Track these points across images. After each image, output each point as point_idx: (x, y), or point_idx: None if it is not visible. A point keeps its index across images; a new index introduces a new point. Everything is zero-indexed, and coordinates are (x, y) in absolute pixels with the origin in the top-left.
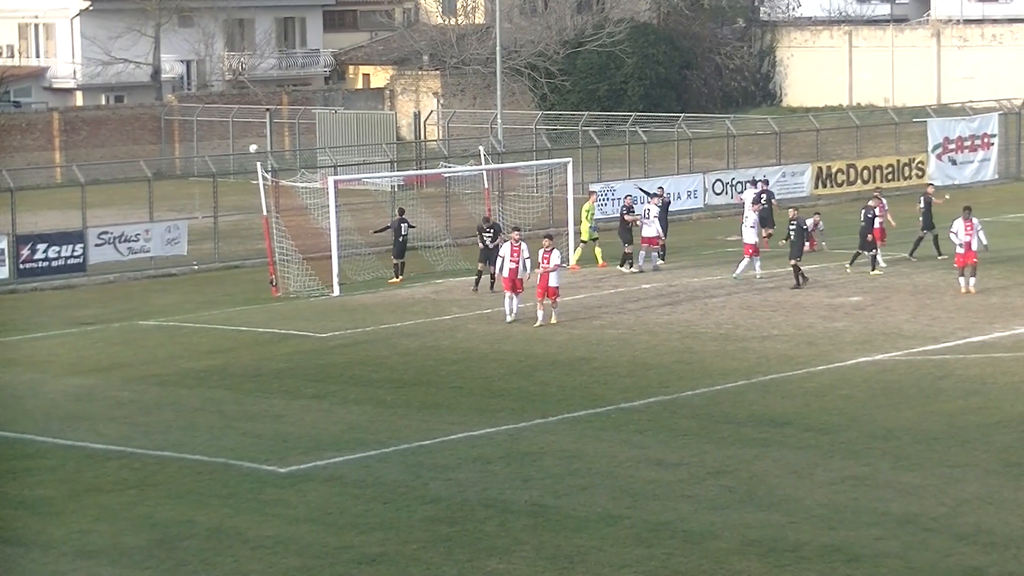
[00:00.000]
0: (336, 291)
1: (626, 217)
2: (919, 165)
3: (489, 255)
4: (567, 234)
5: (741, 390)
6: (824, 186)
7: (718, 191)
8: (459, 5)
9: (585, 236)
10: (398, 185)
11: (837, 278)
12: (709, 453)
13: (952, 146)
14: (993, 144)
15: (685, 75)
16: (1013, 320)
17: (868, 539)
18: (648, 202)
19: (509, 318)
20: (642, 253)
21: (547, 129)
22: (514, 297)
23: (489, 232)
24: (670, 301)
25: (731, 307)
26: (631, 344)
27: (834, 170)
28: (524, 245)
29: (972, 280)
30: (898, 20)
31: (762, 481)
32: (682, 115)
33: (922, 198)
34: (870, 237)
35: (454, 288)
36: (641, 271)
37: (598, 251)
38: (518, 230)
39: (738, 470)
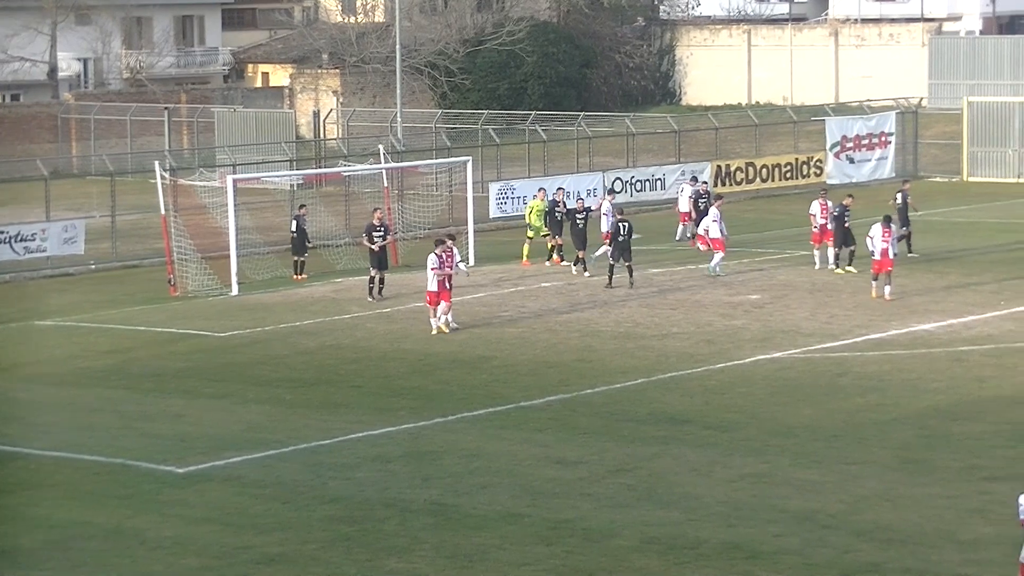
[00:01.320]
0: (235, 290)
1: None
2: (817, 163)
3: (379, 258)
4: (467, 233)
5: (641, 388)
6: (723, 184)
7: (618, 189)
8: (359, 3)
9: (532, 233)
10: (297, 184)
11: (737, 276)
12: (609, 451)
13: (850, 144)
14: (890, 142)
15: (585, 74)
16: (910, 318)
17: (767, 536)
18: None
19: (437, 330)
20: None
21: (447, 128)
22: (446, 306)
23: (379, 232)
24: (570, 300)
25: (631, 305)
26: (531, 343)
27: (733, 168)
28: (457, 253)
29: (887, 288)
30: (796, 19)
31: (662, 479)
32: (582, 114)
33: (899, 195)
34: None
35: (353, 287)
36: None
37: (526, 248)
38: (452, 238)
39: (638, 468)
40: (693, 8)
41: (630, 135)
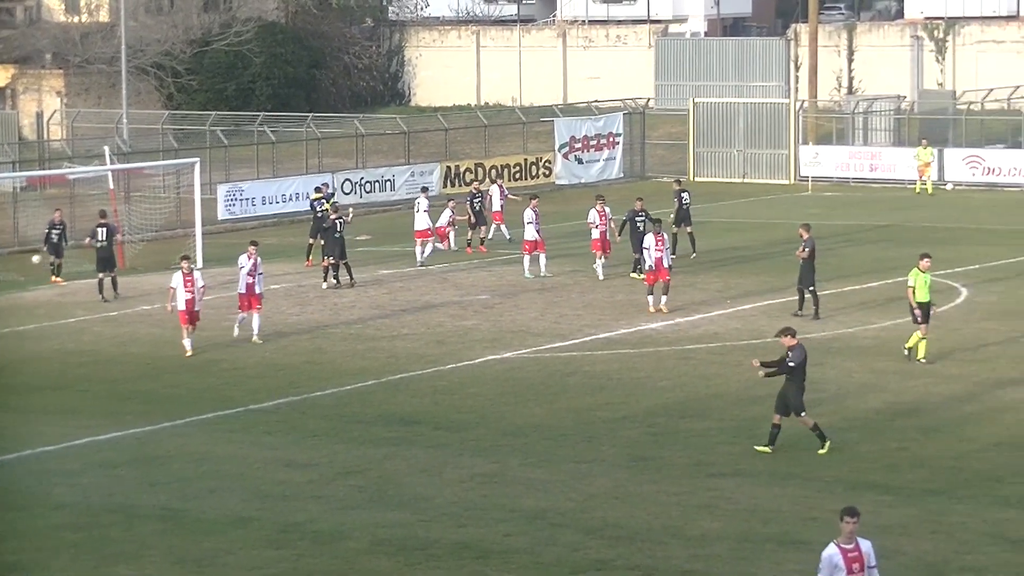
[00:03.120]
0: None
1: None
2: (546, 164)
3: (103, 260)
4: (195, 235)
5: (371, 390)
6: (452, 185)
7: (347, 191)
8: (83, 3)
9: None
10: (20, 186)
11: (467, 276)
12: (339, 453)
13: (578, 145)
14: (618, 143)
15: (314, 74)
16: (638, 317)
17: (498, 535)
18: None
19: (190, 352)
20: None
21: (174, 129)
22: (191, 328)
23: (102, 232)
24: (299, 302)
25: (360, 307)
26: (260, 345)
27: (462, 169)
28: (198, 274)
29: (664, 298)
30: (525, 20)
31: (392, 480)
32: (311, 115)
33: (684, 194)
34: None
35: (79, 291)
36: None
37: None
38: (187, 258)
39: (368, 470)
40: (422, 9)
41: (359, 136)
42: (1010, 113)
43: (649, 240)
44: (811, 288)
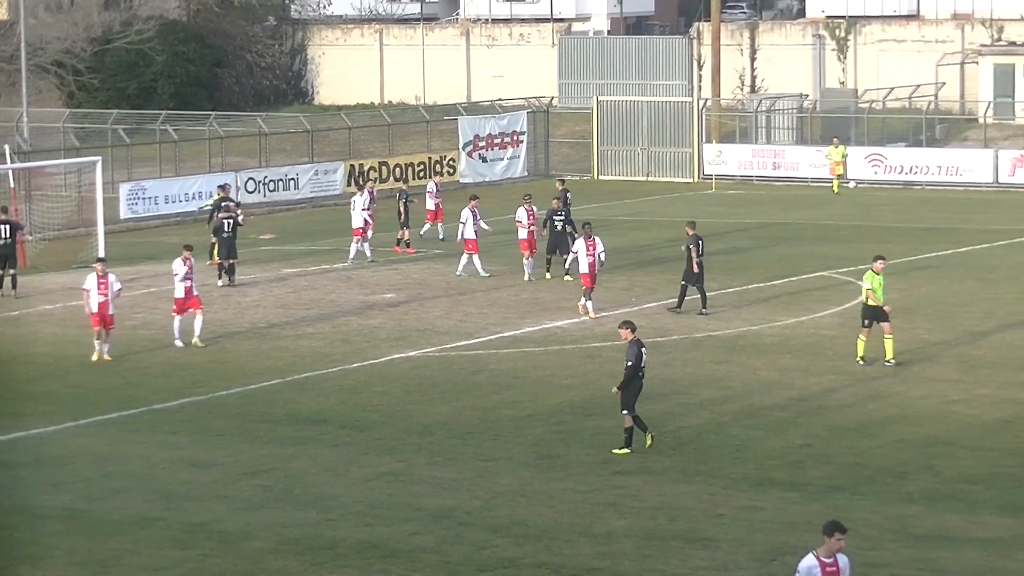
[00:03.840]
0: None
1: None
2: (450, 162)
3: (5, 257)
4: (96, 234)
5: (276, 389)
6: (357, 184)
7: (251, 189)
8: None
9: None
10: None
11: (372, 275)
12: (245, 453)
13: (483, 143)
14: (522, 141)
15: (216, 73)
16: (543, 315)
17: (404, 534)
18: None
19: (101, 357)
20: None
21: (76, 127)
22: (104, 332)
23: (5, 229)
24: (204, 301)
25: (265, 306)
26: (164, 344)
27: (366, 168)
28: (113, 276)
29: (589, 304)
30: (428, 19)
31: (298, 479)
32: (213, 113)
33: (565, 194)
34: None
35: None
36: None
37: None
38: (103, 261)
39: (274, 469)
40: (324, 8)
41: (262, 135)
42: (911, 112)
43: (579, 245)
44: (698, 284)
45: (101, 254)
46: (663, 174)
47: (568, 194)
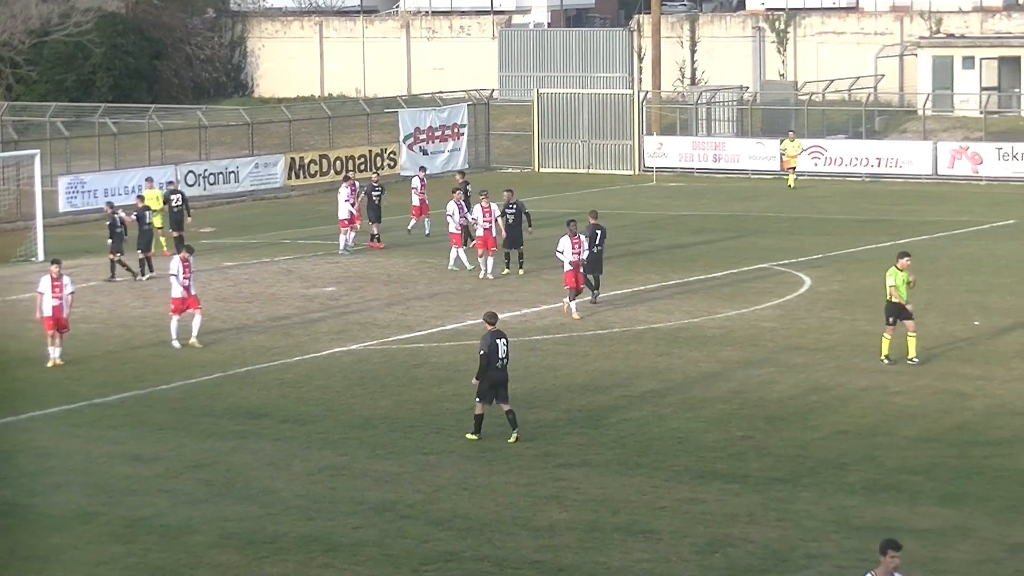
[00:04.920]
0: None
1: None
2: (391, 155)
3: None
4: (35, 227)
5: (218, 383)
6: (297, 177)
7: (191, 182)
8: None
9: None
10: None
11: (313, 268)
12: (186, 447)
13: (423, 136)
14: (463, 134)
15: (156, 65)
16: (485, 308)
17: (346, 528)
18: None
19: (54, 362)
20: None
21: (14, 120)
22: (58, 336)
23: None
24: (143, 295)
25: (206, 299)
26: (105, 338)
27: (307, 161)
28: (67, 279)
29: (573, 304)
30: (368, 11)
31: (240, 474)
32: (153, 106)
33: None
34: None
35: None
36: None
37: (164, 240)
38: (58, 263)
39: (216, 463)
40: (264, 0)
41: (202, 127)
42: (851, 104)
43: (564, 243)
44: (594, 273)
45: (41, 249)
46: (604, 166)
47: (468, 187)
